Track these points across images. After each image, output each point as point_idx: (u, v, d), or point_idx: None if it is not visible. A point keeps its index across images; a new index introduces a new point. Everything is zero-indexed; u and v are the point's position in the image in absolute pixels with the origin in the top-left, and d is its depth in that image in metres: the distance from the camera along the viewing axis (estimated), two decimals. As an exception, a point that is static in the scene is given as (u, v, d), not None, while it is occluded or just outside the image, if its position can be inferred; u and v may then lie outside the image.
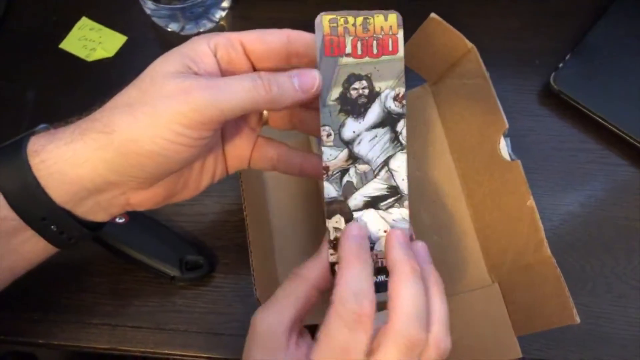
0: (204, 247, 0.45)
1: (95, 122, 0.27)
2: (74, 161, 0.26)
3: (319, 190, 0.44)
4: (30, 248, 0.29)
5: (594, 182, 0.47)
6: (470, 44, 0.40)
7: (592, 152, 0.48)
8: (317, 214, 0.44)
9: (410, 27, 0.42)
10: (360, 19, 0.29)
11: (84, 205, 0.28)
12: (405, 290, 0.26)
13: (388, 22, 0.30)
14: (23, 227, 0.28)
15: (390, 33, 0.30)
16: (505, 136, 0.39)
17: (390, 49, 0.30)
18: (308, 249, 0.42)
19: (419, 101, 0.47)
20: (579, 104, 0.48)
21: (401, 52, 0.30)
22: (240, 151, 0.34)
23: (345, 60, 0.29)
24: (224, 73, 0.28)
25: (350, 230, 0.29)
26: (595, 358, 0.41)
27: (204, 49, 0.28)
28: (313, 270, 0.30)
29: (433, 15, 0.40)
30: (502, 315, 0.38)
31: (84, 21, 0.56)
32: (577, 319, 0.33)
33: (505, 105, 0.38)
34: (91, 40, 0.55)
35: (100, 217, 0.30)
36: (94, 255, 0.45)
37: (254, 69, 0.30)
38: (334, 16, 0.29)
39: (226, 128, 0.33)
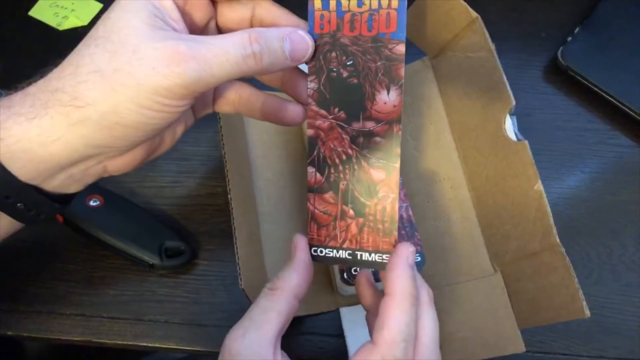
0: (186, 233, 0.42)
1: (58, 93, 0.24)
2: (43, 139, 0.24)
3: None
4: None
5: (601, 163, 0.45)
6: (474, 14, 0.37)
7: (600, 132, 0.46)
8: (305, 197, 0.41)
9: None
10: None
11: (55, 179, 0.26)
12: (399, 316, 0.25)
13: None
14: None
15: (389, 7, 0.27)
16: (511, 114, 0.37)
17: (387, 25, 0.27)
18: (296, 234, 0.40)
19: (417, 76, 0.44)
20: (587, 81, 0.46)
21: (401, 29, 0.27)
22: (205, 97, 0.32)
23: (335, 37, 0.27)
24: (183, 16, 0.26)
25: (403, 255, 0.27)
26: (601, 350, 0.39)
27: None
28: (290, 281, 0.28)
29: (435, -19, 0.37)
30: (505, 306, 0.36)
31: (56, -14, 0.52)
32: (587, 313, 0.30)
33: (509, 81, 0.35)
34: (63, 8, 0.50)
35: (72, 188, 0.28)
36: (67, 241, 0.42)
37: (212, 3, 0.28)
38: None
39: None
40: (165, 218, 0.42)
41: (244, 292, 0.33)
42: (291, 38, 0.26)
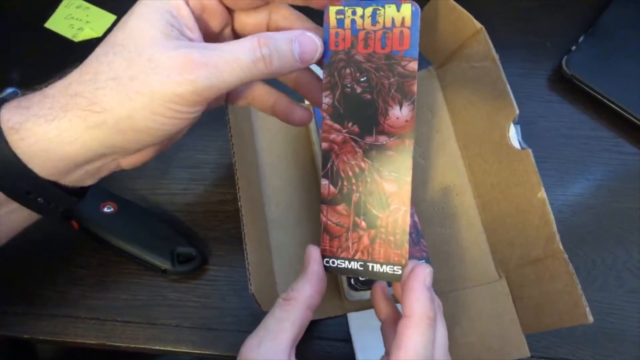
0: (197, 239, 0.43)
1: (77, 97, 0.25)
2: (61, 139, 0.25)
3: (317, 180, 0.42)
4: (15, 218, 0.29)
5: (606, 171, 0.45)
6: (479, 25, 0.37)
7: (604, 140, 0.46)
8: (315, 204, 0.42)
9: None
10: (369, 10, 0.27)
11: (72, 175, 0.27)
12: (417, 339, 0.26)
13: (401, 12, 0.27)
14: (7, 200, 0.27)
15: (402, 25, 0.27)
16: (515, 123, 0.37)
17: (401, 43, 0.27)
18: (304, 240, 0.41)
19: (423, 85, 0.44)
20: (592, 89, 0.46)
21: (414, 47, 0.27)
22: None
23: (349, 54, 0.28)
24: (199, 23, 0.27)
25: (420, 276, 0.27)
26: (606, 356, 0.39)
27: (177, 1, 0.26)
28: (303, 292, 0.28)
29: (440, -8, 0.37)
30: (510, 312, 0.37)
31: (71, -1, 0.53)
32: (591, 318, 0.31)
33: (514, 90, 0.36)
34: (78, 19, 0.52)
35: (88, 182, 0.29)
36: (81, 247, 0.43)
37: (228, 10, 0.29)
38: (342, 7, 0.27)
39: None
40: (177, 224, 0.43)
41: (254, 297, 0.33)
42: (300, 40, 0.27)
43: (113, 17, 0.52)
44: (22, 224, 0.30)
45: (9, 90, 0.30)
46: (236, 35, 0.30)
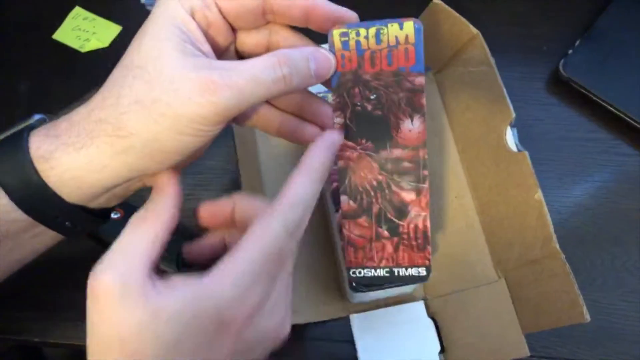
0: (202, 243, 0.44)
1: (102, 123, 0.25)
2: (91, 167, 0.25)
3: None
4: (41, 240, 0.29)
5: (604, 173, 0.46)
6: (475, 30, 0.38)
7: (602, 142, 0.47)
8: (316, 209, 0.43)
9: (412, 13, 0.40)
10: (373, 30, 0.28)
11: (100, 199, 0.28)
12: (301, 182, 0.26)
13: (404, 30, 0.28)
14: (34, 225, 0.27)
15: (406, 43, 0.28)
16: (512, 126, 0.38)
17: (407, 60, 0.28)
18: (306, 244, 0.42)
19: (422, 90, 0.45)
20: (588, 92, 0.47)
21: (419, 62, 0.28)
22: None
23: (357, 74, 0.28)
24: (206, 38, 0.27)
25: (328, 137, 0.28)
26: (605, 355, 0.39)
27: (184, 16, 0.26)
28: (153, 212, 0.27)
29: (436, 0, 0.38)
30: (509, 312, 0.37)
31: (78, 11, 0.54)
32: (587, 317, 0.31)
33: (512, 94, 0.36)
34: (85, 31, 0.53)
35: (113, 203, 0.29)
36: (90, 253, 0.43)
37: (232, 29, 0.29)
38: (345, 30, 0.28)
39: None
40: (183, 229, 0.44)
41: None
42: (315, 57, 0.27)
43: (119, 28, 0.53)
44: (46, 245, 0.30)
45: (37, 116, 0.30)
46: (238, 54, 0.31)
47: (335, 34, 0.28)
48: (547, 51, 0.50)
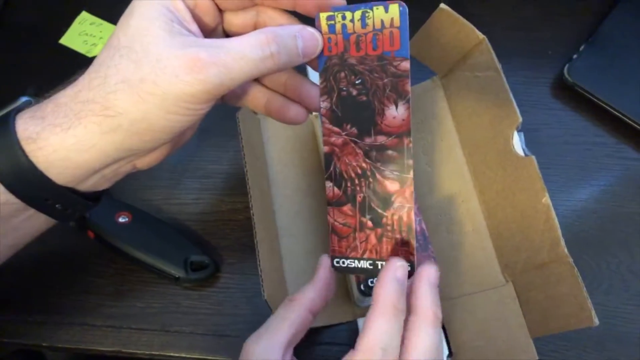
0: (209, 247, 0.44)
1: (90, 103, 0.25)
2: (79, 147, 0.25)
3: (324, 187, 0.43)
4: (33, 224, 0.29)
5: (609, 176, 0.46)
6: (481, 35, 0.38)
7: (607, 146, 0.47)
8: (324, 211, 0.43)
9: (419, 18, 0.41)
10: (358, 13, 0.28)
11: (89, 181, 0.28)
12: (379, 324, 0.26)
13: (389, 13, 0.27)
14: (25, 208, 0.27)
15: (392, 26, 0.27)
16: (519, 131, 0.38)
17: (391, 44, 0.28)
18: (315, 247, 0.42)
19: (428, 94, 0.45)
20: (593, 97, 0.47)
21: (404, 47, 0.28)
22: None
23: (342, 58, 0.28)
24: (193, 17, 0.27)
25: (390, 268, 0.28)
26: (612, 359, 0.39)
27: None
28: (307, 294, 0.30)
29: (442, 6, 0.39)
30: (517, 316, 0.37)
31: (84, 15, 0.55)
32: (596, 321, 0.31)
33: (517, 98, 0.36)
34: (92, 36, 0.53)
35: (104, 186, 0.30)
36: (96, 256, 0.44)
37: (219, 10, 0.29)
38: (331, 13, 0.28)
39: None
40: (190, 233, 0.44)
41: (267, 303, 0.34)
42: (302, 35, 0.27)
43: (125, 33, 0.54)
44: (38, 230, 0.30)
45: (23, 99, 0.30)
46: (226, 34, 0.30)
47: (322, 17, 0.28)
48: (551, 56, 0.50)
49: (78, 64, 0.52)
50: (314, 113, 0.42)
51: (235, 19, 0.30)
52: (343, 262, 0.31)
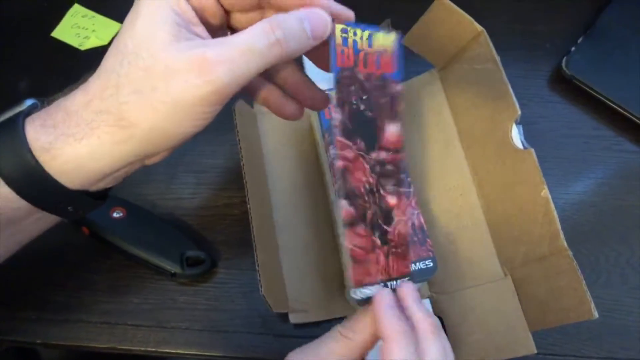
0: (205, 242, 0.43)
1: (103, 114, 0.25)
2: (92, 156, 0.26)
3: (323, 182, 0.43)
4: (42, 223, 0.29)
5: (607, 169, 0.46)
6: (480, 27, 0.38)
7: (605, 138, 0.47)
8: (321, 205, 0.43)
9: (417, 10, 0.40)
10: (366, 33, 0.29)
11: (100, 183, 0.28)
12: (396, 354, 0.27)
13: (387, 40, 0.30)
14: (37, 210, 0.27)
15: (391, 51, 0.30)
16: (517, 123, 0.38)
17: (391, 67, 0.30)
18: (310, 242, 0.41)
19: (426, 87, 0.45)
20: (591, 89, 0.47)
21: (400, 71, 0.30)
22: None
23: (353, 72, 0.29)
24: (200, 19, 0.27)
25: (382, 300, 0.28)
26: (611, 352, 0.39)
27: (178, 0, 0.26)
28: (361, 335, 0.29)
29: (441, -3, 0.38)
30: (516, 309, 0.37)
31: (76, 8, 0.54)
32: (595, 314, 0.31)
33: (515, 91, 0.36)
34: (84, 28, 0.53)
35: (113, 184, 0.30)
36: (92, 252, 0.43)
37: (225, 12, 0.28)
38: (345, 27, 0.28)
39: None
40: (185, 228, 0.44)
41: (264, 299, 0.34)
42: (309, 17, 0.26)
43: (118, 26, 0.53)
44: (48, 227, 0.30)
45: (28, 102, 0.30)
46: (232, 31, 0.30)
47: (337, 28, 0.28)
48: (549, 49, 0.50)
49: (70, 57, 0.52)
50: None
51: (242, 17, 0.29)
52: (361, 292, 0.30)
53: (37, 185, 0.26)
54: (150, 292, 0.42)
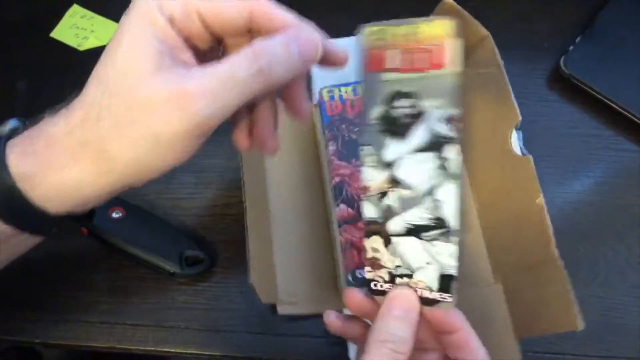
0: (204, 242, 0.43)
1: (85, 146, 0.24)
2: (76, 185, 0.25)
3: (321, 177, 0.43)
4: (28, 242, 0.29)
5: (606, 168, 0.46)
6: (485, 31, 0.38)
7: (603, 138, 0.47)
8: (317, 201, 0.43)
9: (421, 12, 0.40)
10: (405, 29, 0.26)
11: (85, 207, 0.27)
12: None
13: (437, 30, 0.26)
14: (21, 233, 0.27)
15: (439, 43, 0.26)
16: (517, 129, 0.38)
17: (439, 61, 0.26)
18: (304, 235, 0.42)
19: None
20: (590, 89, 0.47)
21: (454, 64, 0.26)
22: None
23: (388, 76, 0.26)
24: (187, 43, 0.26)
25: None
26: (609, 350, 0.39)
27: (163, 24, 0.24)
28: (409, 344, 0.27)
29: (446, -1, 0.38)
30: (504, 316, 0.37)
31: (75, 9, 0.54)
32: (580, 326, 0.31)
33: (514, 91, 0.36)
34: (83, 29, 0.53)
35: (98, 205, 0.29)
36: (91, 252, 0.43)
37: (214, 37, 0.27)
38: (376, 27, 0.26)
39: None
40: (185, 228, 0.44)
41: (252, 286, 0.34)
42: (297, 40, 0.25)
43: (117, 26, 0.53)
44: (34, 244, 0.30)
45: (12, 122, 0.30)
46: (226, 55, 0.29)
47: (366, 31, 0.26)
48: (548, 48, 0.50)
49: (69, 57, 0.52)
50: (314, 103, 0.44)
51: (234, 40, 0.28)
52: (360, 273, 0.31)
53: (19, 211, 0.25)
54: (150, 292, 0.42)
